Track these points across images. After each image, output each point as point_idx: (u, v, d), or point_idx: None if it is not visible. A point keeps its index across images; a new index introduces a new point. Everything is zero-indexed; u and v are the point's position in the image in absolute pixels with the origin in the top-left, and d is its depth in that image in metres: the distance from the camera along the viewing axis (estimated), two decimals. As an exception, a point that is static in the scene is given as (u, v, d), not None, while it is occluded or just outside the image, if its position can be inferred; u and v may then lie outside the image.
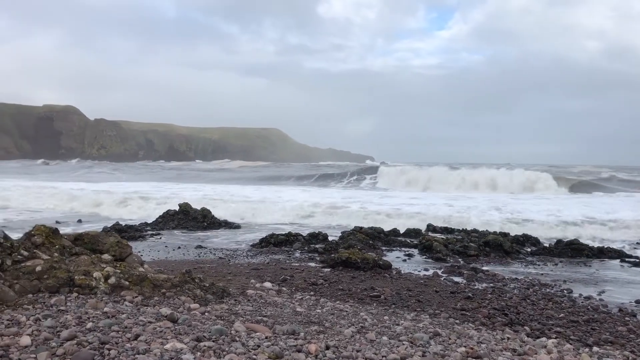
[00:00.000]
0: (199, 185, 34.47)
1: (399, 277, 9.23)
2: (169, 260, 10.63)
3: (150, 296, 5.66)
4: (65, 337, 3.99)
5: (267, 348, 4.13)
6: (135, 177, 52.38)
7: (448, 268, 10.26)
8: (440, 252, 11.41)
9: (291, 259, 11.07)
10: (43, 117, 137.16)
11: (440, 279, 9.26)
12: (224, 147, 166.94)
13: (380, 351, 4.51)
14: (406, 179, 42.25)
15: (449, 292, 8.16)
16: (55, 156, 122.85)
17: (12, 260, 5.64)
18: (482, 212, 19.50)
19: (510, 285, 8.82)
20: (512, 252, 12.06)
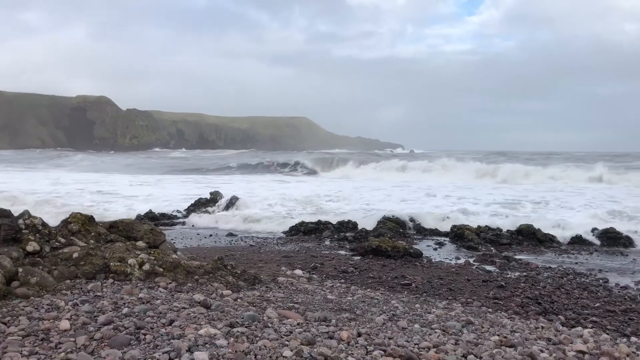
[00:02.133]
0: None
1: (430, 266, 9.17)
2: (201, 247, 10.77)
3: (183, 282, 5.75)
4: (102, 322, 4.08)
5: (299, 334, 4.15)
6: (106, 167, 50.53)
7: (480, 257, 10.15)
8: (472, 241, 11.29)
9: (321, 247, 11.10)
10: (77, 107, 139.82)
11: (472, 267, 9.17)
12: (252, 137, 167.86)
13: (412, 339, 4.49)
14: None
15: (481, 280, 8.08)
16: (89, 146, 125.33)
17: (50, 247, 5.79)
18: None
19: (543, 274, 8.68)
20: (545, 240, 11.85)
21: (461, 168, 37.39)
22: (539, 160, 48.29)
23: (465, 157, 47.21)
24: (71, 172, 40.38)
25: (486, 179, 32.64)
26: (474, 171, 35.49)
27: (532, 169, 34.94)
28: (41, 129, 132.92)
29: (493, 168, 35.85)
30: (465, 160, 42.18)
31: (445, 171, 36.43)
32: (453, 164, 38.77)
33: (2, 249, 5.45)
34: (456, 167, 37.78)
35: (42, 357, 3.41)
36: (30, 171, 41.39)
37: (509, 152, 70.08)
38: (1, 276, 4.83)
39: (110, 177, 32.99)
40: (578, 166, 36.51)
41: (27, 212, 5.94)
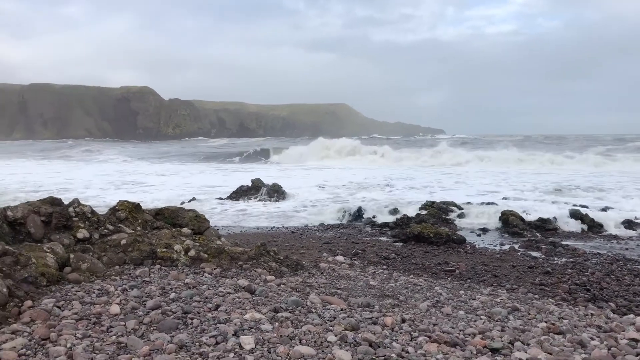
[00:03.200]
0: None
1: (474, 252, 9.04)
2: (243, 233, 10.90)
3: (228, 268, 5.83)
4: (150, 307, 4.19)
5: (343, 320, 4.16)
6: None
7: (525, 242, 9.95)
8: (516, 227, 11.06)
9: (362, 233, 11.08)
10: (121, 98, 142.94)
11: (517, 253, 9.00)
12: (292, 124, 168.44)
13: (457, 325, 4.45)
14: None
15: (526, 267, 7.92)
16: (133, 136, 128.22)
17: (99, 233, 5.96)
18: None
19: (592, 261, 8.44)
20: (593, 226, 11.51)
21: (500, 157, 36.04)
22: (587, 143, 46.83)
23: (503, 142, 46.06)
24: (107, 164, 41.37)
25: (532, 164, 31.82)
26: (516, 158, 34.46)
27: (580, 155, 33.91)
28: (88, 119, 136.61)
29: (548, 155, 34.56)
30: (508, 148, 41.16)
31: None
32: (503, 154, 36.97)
33: (54, 236, 5.64)
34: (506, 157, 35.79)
35: (94, 340, 3.53)
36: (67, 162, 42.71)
37: (553, 136, 68.01)
38: (54, 262, 5.01)
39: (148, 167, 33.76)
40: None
41: (76, 200, 6.13)
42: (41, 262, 4.86)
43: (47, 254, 5.06)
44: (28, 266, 4.73)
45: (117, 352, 3.37)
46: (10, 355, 3.24)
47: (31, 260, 4.81)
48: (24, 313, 4.00)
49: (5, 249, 4.83)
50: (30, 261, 4.79)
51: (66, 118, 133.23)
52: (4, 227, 5.36)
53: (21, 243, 5.35)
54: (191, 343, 3.52)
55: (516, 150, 37.77)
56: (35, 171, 29.39)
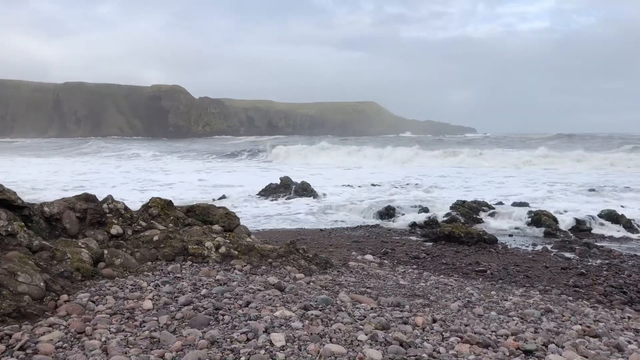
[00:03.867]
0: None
1: (506, 252, 8.91)
2: (272, 231, 10.94)
3: (257, 265, 5.86)
4: (182, 302, 4.23)
5: (373, 319, 4.14)
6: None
7: (558, 243, 9.76)
8: (549, 227, 10.86)
9: (391, 232, 11.01)
10: (152, 96, 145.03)
11: (550, 254, 8.83)
12: (321, 123, 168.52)
13: (489, 326, 4.38)
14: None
15: (559, 268, 7.77)
16: (164, 134, 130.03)
17: (132, 230, 6.05)
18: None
19: (628, 262, 8.23)
20: (630, 227, 11.23)
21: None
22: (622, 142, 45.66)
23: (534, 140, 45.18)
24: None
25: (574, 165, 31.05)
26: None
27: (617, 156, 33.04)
28: (120, 118, 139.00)
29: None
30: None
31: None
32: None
33: (89, 232, 5.75)
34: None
35: (128, 335, 3.58)
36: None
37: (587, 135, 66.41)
38: (89, 257, 5.10)
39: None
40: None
41: (110, 197, 6.23)
42: (76, 258, 4.96)
43: (82, 250, 5.16)
44: (64, 261, 4.84)
45: (150, 347, 3.41)
46: (48, 347, 3.31)
47: (67, 256, 4.91)
48: (60, 307, 4.09)
49: (42, 244, 4.94)
50: (65, 256, 4.89)
51: (99, 116, 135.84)
52: (40, 223, 5.48)
53: (57, 238, 5.46)
54: (222, 339, 3.54)
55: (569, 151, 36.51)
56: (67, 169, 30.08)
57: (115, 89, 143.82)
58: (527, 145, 46.97)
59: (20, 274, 4.15)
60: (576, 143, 49.37)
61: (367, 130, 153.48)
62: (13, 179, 21.66)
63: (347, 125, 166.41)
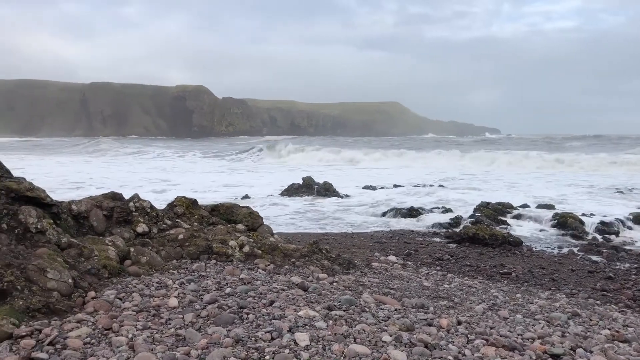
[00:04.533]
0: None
1: (531, 255, 8.79)
2: (295, 231, 10.96)
3: (281, 265, 5.88)
4: (207, 301, 4.27)
5: (397, 320, 4.12)
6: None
7: (585, 246, 9.59)
8: (576, 229, 10.69)
9: (414, 233, 10.95)
10: (177, 96, 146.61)
11: (576, 257, 8.69)
12: (343, 123, 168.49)
13: (515, 329, 4.33)
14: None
15: (586, 271, 7.65)
16: (188, 134, 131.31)
17: (157, 228, 6.12)
18: None
19: (658, 267, 8.06)
20: (659, 230, 10.99)
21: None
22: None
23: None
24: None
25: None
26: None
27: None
28: (145, 117, 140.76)
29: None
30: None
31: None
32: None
33: (116, 230, 5.83)
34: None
35: (154, 332, 3.62)
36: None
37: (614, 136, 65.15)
38: (115, 255, 5.18)
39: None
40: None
41: (136, 196, 6.31)
42: (103, 255, 5.04)
43: (109, 247, 5.24)
44: (91, 258, 4.91)
45: (176, 344, 3.44)
46: (76, 343, 3.37)
47: (94, 253, 4.98)
48: (87, 303, 4.15)
49: (70, 241, 5.03)
50: (93, 254, 4.97)
51: (125, 116, 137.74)
52: (68, 221, 5.58)
53: (84, 236, 5.55)
54: (247, 338, 3.56)
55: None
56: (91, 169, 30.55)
57: (140, 89, 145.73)
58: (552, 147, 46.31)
59: (49, 270, 4.22)
60: (603, 144, 48.53)
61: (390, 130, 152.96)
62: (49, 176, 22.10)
63: (369, 126, 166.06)
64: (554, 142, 55.96)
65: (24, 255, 4.49)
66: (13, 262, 4.21)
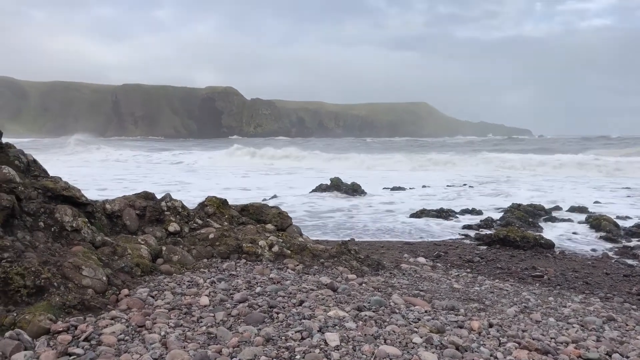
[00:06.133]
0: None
1: (563, 257, 8.63)
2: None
3: (310, 265, 5.90)
4: (238, 300, 4.30)
5: (427, 322, 4.09)
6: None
7: (620, 249, 9.37)
8: (610, 232, 10.45)
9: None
10: (206, 98, 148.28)
11: (610, 260, 8.50)
12: (371, 123, 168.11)
13: (548, 332, 4.26)
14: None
15: (621, 275, 7.47)
16: (217, 134, 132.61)
17: (189, 227, 6.20)
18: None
19: (697, 271, 7.83)
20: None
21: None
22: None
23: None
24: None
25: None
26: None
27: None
28: (175, 118, 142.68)
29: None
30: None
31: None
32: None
33: (148, 229, 5.93)
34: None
35: (186, 330, 3.67)
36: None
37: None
38: (148, 253, 5.26)
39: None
40: None
41: (168, 195, 6.40)
42: (136, 253, 5.12)
43: (142, 246, 5.32)
44: (124, 256, 5.00)
45: (208, 342, 3.48)
46: (111, 339, 3.43)
47: (127, 251, 5.07)
48: (121, 301, 4.23)
49: (104, 239, 5.13)
50: (126, 252, 5.06)
51: (155, 117, 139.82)
52: (102, 219, 5.69)
53: (118, 234, 5.65)
54: (277, 337, 3.58)
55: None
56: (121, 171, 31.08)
57: (170, 91, 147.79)
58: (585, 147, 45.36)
59: (84, 268, 4.32)
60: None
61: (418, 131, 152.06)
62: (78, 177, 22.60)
63: (398, 126, 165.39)
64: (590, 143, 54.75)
65: (60, 253, 4.60)
66: (50, 260, 4.32)
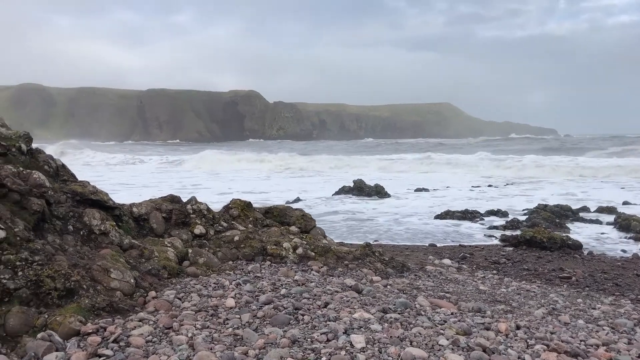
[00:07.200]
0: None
1: (592, 258, 8.48)
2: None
3: (334, 267, 5.90)
4: (263, 301, 4.32)
5: (454, 324, 4.06)
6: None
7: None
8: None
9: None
10: (229, 101, 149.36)
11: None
12: (393, 124, 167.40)
13: (577, 335, 4.19)
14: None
15: (653, 276, 7.31)
16: (240, 138, 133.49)
17: (214, 230, 6.25)
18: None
19: None
20: None
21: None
22: None
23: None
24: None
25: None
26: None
27: None
28: (199, 122, 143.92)
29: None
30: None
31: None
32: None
33: (174, 232, 6.00)
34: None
35: (212, 331, 3.70)
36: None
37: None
38: (174, 256, 5.32)
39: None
40: None
41: (194, 199, 6.47)
42: (163, 256, 5.18)
43: (168, 248, 5.39)
44: (151, 259, 5.07)
45: (234, 344, 3.50)
46: (139, 341, 3.48)
47: (154, 254, 5.14)
48: (148, 303, 4.28)
49: (131, 242, 5.20)
50: (153, 254, 5.12)
51: (179, 121, 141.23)
52: (130, 223, 5.77)
53: (145, 237, 5.73)
54: (303, 338, 3.59)
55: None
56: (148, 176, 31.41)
57: (194, 95, 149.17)
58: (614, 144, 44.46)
59: (112, 270, 4.38)
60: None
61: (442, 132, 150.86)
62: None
63: (421, 127, 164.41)
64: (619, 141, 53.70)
65: (89, 255, 4.68)
66: (79, 263, 4.40)
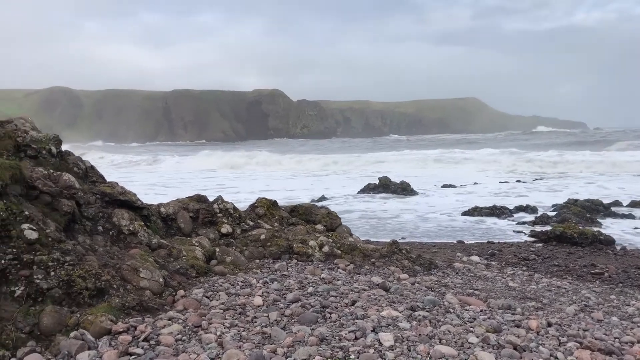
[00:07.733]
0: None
1: (625, 254, 8.30)
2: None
3: (360, 265, 5.88)
4: (290, 300, 4.33)
5: (483, 321, 4.01)
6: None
7: (686, 245, 8.95)
8: (674, 227, 9.99)
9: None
10: (253, 101, 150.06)
11: (676, 257, 8.11)
12: (418, 121, 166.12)
13: (611, 332, 4.10)
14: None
15: (689, 272, 7.12)
16: (265, 136, 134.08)
17: (240, 229, 6.29)
18: None
19: None
20: None
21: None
22: None
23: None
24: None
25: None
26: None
27: None
28: (223, 122, 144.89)
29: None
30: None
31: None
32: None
33: (201, 231, 6.05)
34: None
35: (241, 330, 3.72)
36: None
37: None
38: (202, 255, 5.36)
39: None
40: None
41: (220, 198, 6.51)
42: (191, 255, 5.23)
43: (196, 248, 5.43)
44: (180, 258, 5.11)
45: (262, 342, 3.52)
46: (169, 339, 3.51)
47: (182, 253, 5.19)
48: (177, 301, 4.32)
49: (159, 242, 5.26)
50: (181, 254, 5.17)
51: (204, 121, 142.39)
52: (158, 222, 5.83)
53: (172, 237, 5.79)
54: (331, 337, 3.58)
55: None
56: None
57: (218, 95, 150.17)
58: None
59: (141, 270, 4.44)
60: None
61: (467, 127, 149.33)
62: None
63: (446, 123, 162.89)
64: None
65: (118, 255, 4.75)
66: (109, 262, 4.46)
